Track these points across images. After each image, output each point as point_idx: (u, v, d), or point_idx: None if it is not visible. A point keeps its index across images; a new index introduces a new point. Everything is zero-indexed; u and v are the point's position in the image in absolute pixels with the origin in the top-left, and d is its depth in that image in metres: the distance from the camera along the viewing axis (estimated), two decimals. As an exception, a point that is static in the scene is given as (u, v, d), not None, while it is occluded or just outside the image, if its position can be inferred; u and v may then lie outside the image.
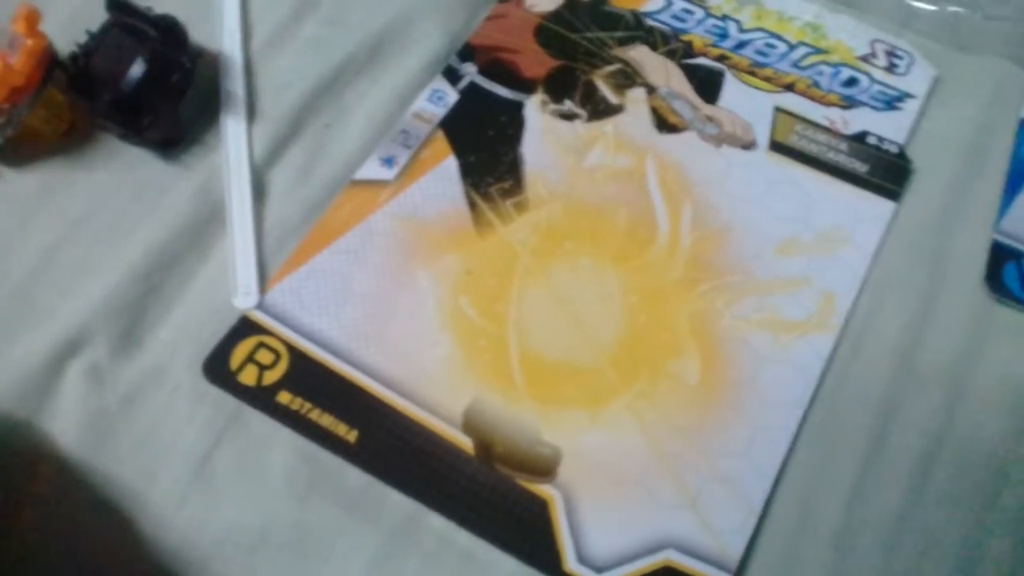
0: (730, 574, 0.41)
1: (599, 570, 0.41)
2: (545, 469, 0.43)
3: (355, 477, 0.43)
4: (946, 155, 0.53)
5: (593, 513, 0.42)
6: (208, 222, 0.50)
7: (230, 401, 0.45)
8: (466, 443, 0.44)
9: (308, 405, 0.45)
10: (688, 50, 0.57)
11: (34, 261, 0.48)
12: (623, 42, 0.57)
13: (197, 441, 0.44)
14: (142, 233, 0.49)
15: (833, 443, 0.44)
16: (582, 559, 0.41)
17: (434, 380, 0.46)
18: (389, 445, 0.44)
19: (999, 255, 0.49)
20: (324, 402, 0.45)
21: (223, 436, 0.44)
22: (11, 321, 0.46)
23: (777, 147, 0.53)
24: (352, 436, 0.44)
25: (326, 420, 0.44)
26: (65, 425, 0.44)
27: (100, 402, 0.44)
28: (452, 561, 0.41)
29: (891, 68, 0.56)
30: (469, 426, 0.44)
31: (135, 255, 0.48)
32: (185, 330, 0.47)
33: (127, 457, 0.43)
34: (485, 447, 0.44)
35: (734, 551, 0.41)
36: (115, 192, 0.51)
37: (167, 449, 0.43)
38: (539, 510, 0.42)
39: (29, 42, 0.48)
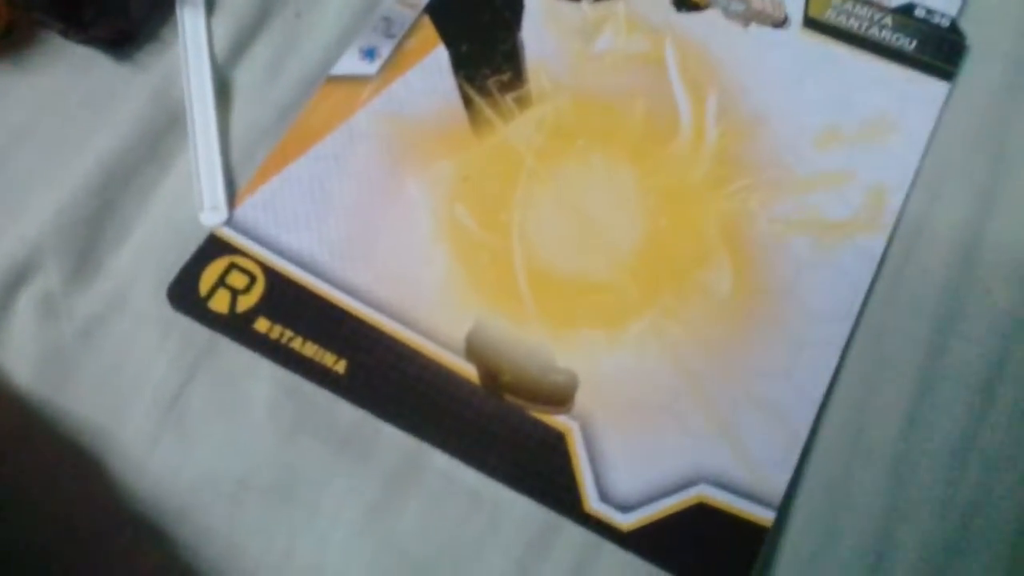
0: (773, 510, 0.36)
1: (624, 509, 0.36)
2: (560, 398, 0.38)
3: (346, 413, 0.39)
4: (1005, 27, 0.46)
5: (615, 446, 0.37)
6: (167, 129, 0.44)
7: (201, 331, 0.39)
8: (470, 371, 0.39)
9: (289, 333, 0.40)
10: (707, -84, 0.50)
11: None
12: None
13: (166, 376, 0.39)
14: (94, 143, 0.43)
15: (886, 359, 0.39)
16: (604, 497, 0.36)
17: (431, 301, 0.40)
18: (383, 376, 0.39)
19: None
20: (307, 329, 0.40)
21: (195, 370, 0.39)
22: None
23: (812, 24, 0.47)
24: (340, 366, 0.39)
25: (310, 349, 0.39)
26: (18, 361, 0.39)
27: (56, 335, 0.40)
28: (458, 503, 0.37)
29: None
30: (473, 352, 0.39)
31: (87, 168, 0.42)
32: (146, 252, 0.41)
33: (90, 395, 0.39)
34: (492, 375, 0.39)
35: (777, 485, 0.37)
36: (61, 98, 0.45)
37: (134, 385, 0.39)
38: (555, 444, 0.38)
39: None
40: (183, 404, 0.39)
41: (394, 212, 0.42)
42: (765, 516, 0.36)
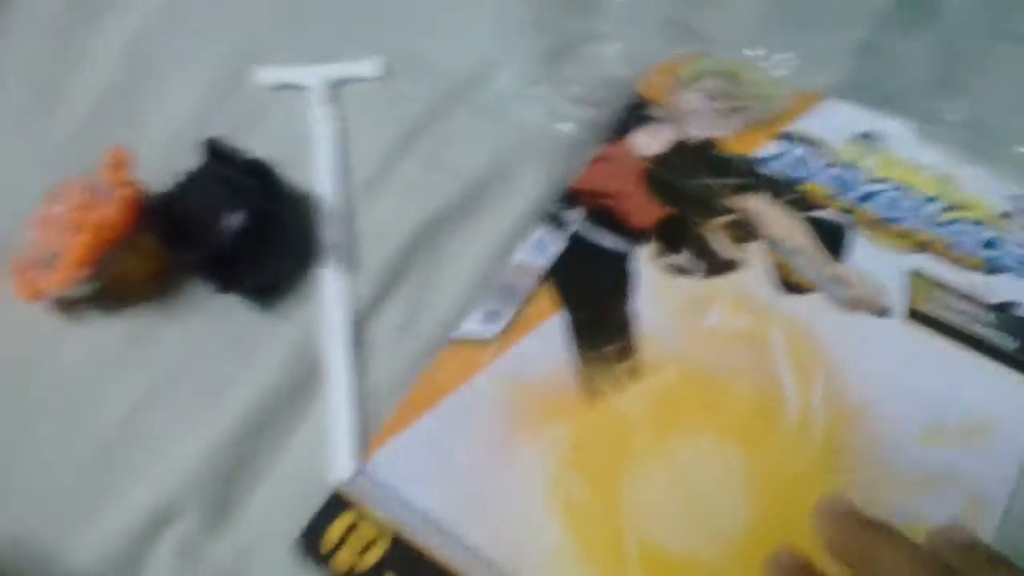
0: None
1: None
2: None
3: None
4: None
5: None
6: (305, 381, 0.47)
7: None
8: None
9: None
10: (807, 201, 0.53)
11: (120, 417, 0.45)
12: (736, 190, 0.54)
13: None
14: (235, 392, 0.46)
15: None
16: None
17: (542, 567, 0.42)
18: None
19: None
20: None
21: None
22: (97, 484, 0.44)
23: (915, 315, 0.49)
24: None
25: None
26: None
27: None
28: None
29: (1035, 227, 0.52)
30: (581, 632, 0.40)
31: (229, 416, 0.45)
32: (277, 504, 0.43)
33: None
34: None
35: None
36: (206, 344, 0.48)
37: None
38: None
39: (120, 190, 0.46)
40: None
41: (510, 475, 0.44)
42: None
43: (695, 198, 0.54)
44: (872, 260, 0.51)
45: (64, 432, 0.45)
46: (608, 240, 0.52)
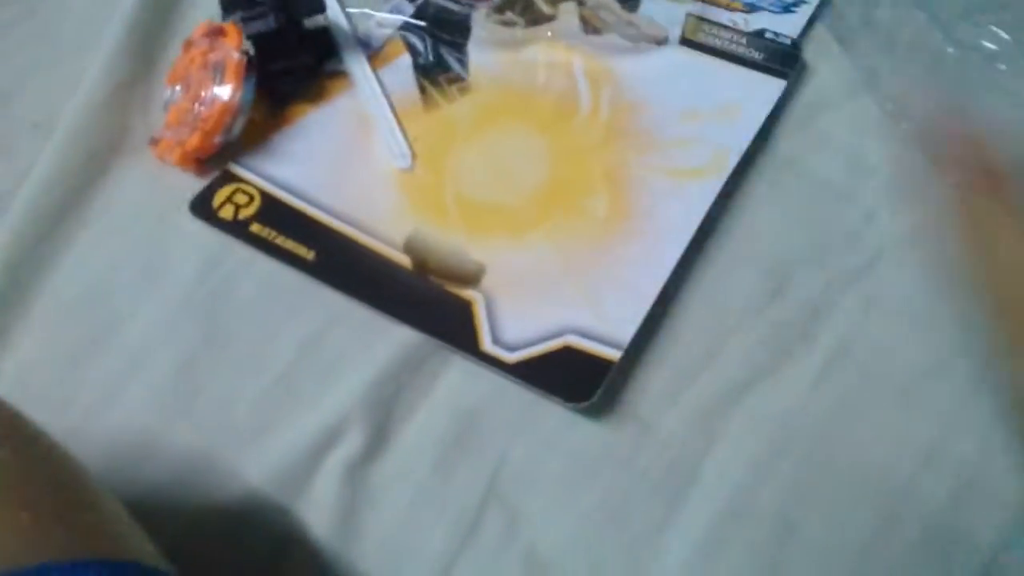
0: (621, 350, 0.48)
1: (510, 349, 0.49)
2: (470, 278, 0.51)
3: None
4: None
5: (509, 311, 0.50)
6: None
7: (472, 509, 0.45)
8: (406, 260, 0.52)
9: (275, 233, 0.53)
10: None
11: (297, 347, 0.50)
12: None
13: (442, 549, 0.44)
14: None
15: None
16: (496, 342, 0.49)
17: (381, 217, 0.54)
18: (340, 262, 0.52)
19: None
20: (288, 231, 0.53)
21: (464, 547, 0.44)
22: (273, 407, 0.48)
23: (687, 42, 0.62)
24: (311, 255, 0.53)
25: (289, 244, 0.53)
26: (319, 516, 0.45)
27: (351, 497, 0.45)
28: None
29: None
30: (409, 248, 0.53)
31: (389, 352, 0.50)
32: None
33: (374, 554, 0.44)
34: (421, 263, 0.52)
35: (626, 334, 0.49)
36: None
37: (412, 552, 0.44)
38: (463, 307, 0.50)
39: (235, 56, 0.54)
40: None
41: (360, 158, 0.57)
42: (615, 354, 0.48)
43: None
44: (657, 9, 0.64)
45: (247, 358, 0.50)
46: (452, 5, 0.65)
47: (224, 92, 0.54)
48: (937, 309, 0.50)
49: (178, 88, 0.57)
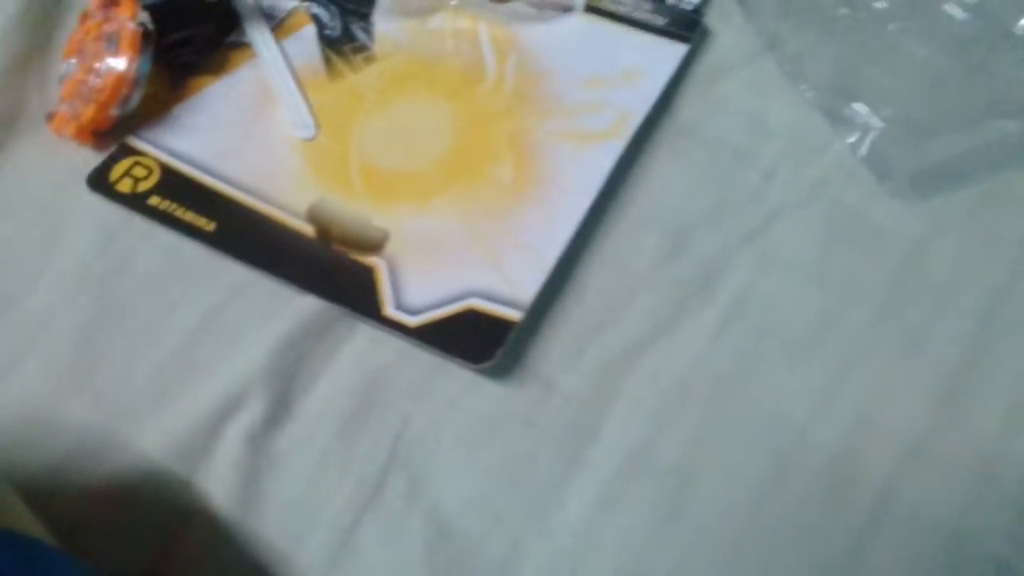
0: (523, 311, 0.49)
1: (413, 313, 0.49)
2: (373, 245, 0.51)
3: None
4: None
5: (412, 276, 0.50)
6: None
7: (376, 472, 0.46)
8: (309, 230, 0.52)
9: (174, 206, 0.53)
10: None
11: (198, 319, 0.49)
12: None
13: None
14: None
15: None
16: (399, 307, 0.49)
17: (284, 187, 0.54)
18: (241, 233, 0.52)
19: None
20: (187, 203, 0.53)
21: (366, 510, 0.45)
22: (171, 378, 0.48)
23: (591, 9, 0.62)
24: (211, 227, 0.52)
25: (189, 216, 0.52)
26: (220, 485, 0.45)
27: (252, 464, 0.45)
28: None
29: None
30: (312, 216, 0.53)
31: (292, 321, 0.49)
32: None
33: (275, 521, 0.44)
34: (324, 231, 0.52)
35: (527, 295, 0.49)
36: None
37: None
38: (366, 273, 0.50)
39: (129, 26, 0.53)
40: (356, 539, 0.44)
41: (263, 129, 0.56)
42: (516, 315, 0.49)
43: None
44: (564, -23, 0.64)
45: (146, 331, 0.49)
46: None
47: (119, 63, 0.53)
48: (830, 264, 0.51)
49: (73, 61, 0.56)
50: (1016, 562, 0.43)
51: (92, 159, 0.55)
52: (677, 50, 0.60)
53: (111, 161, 0.55)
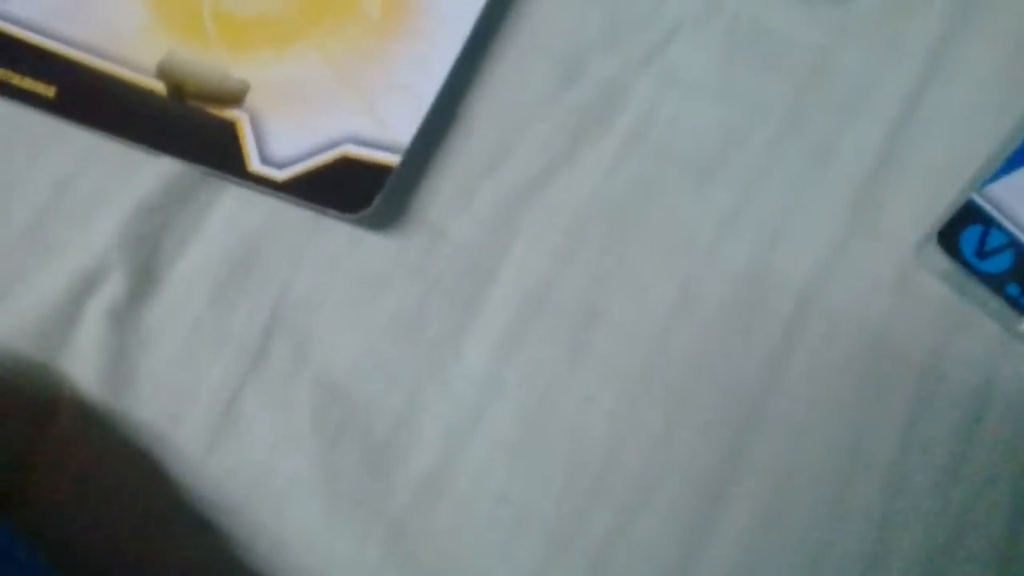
0: (399, 154, 0.44)
1: (280, 166, 0.44)
2: (233, 97, 0.46)
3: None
4: None
5: (278, 127, 0.45)
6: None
7: (255, 338, 0.43)
8: (160, 87, 0.47)
9: (9, 72, 0.47)
10: None
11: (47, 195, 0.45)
12: None
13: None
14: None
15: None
16: (265, 161, 0.44)
17: (128, 41, 0.48)
18: (86, 96, 0.46)
19: None
20: (22, 68, 0.47)
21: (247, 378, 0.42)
22: (24, 258, 0.43)
23: None
24: (51, 92, 0.46)
25: (26, 83, 0.47)
26: (85, 367, 0.41)
27: (119, 343, 0.42)
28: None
29: None
30: (163, 72, 0.47)
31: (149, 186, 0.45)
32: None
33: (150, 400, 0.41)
34: (178, 87, 0.47)
35: (405, 137, 0.45)
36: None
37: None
38: (226, 128, 0.45)
39: None
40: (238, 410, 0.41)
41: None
42: (394, 159, 0.44)
43: None
44: None
45: None
46: None
47: (-82, -88, 0.46)
48: (733, 79, 0.48)
49: None
50: (942, 368, 0.42)
51: (-93, 29, 0.48)
52: None
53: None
